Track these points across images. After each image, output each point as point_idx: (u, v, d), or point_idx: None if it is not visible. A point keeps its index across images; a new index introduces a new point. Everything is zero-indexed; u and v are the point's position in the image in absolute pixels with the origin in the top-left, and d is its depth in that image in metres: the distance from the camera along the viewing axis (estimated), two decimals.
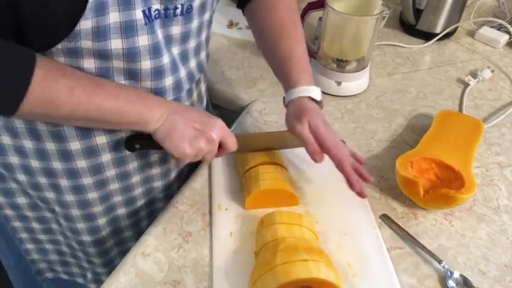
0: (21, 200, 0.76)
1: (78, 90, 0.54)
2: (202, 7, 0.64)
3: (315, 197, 0.73)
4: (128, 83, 0.61)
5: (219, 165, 0.78)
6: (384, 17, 1.19)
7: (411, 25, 1.17)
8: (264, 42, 0.76)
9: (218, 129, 0.64)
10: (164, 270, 0.63)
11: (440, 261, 0.64)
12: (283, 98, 0.72)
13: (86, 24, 0.52)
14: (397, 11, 1.25)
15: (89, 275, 0.90)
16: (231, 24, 1.17)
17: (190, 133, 0.62)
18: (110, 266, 0.86)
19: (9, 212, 0.78)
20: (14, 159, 0.68)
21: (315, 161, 0.66)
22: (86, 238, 0.80)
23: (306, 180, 0.76)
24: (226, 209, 0.71)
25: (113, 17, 0.53)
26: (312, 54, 1.01)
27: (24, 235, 0.83)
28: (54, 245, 0.85)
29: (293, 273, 0.54)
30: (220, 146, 0.66)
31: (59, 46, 0.53)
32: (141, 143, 0.67)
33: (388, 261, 0.64)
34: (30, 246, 0.85)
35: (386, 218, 0.71)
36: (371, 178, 0.66)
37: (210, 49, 1.11)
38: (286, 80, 0.71)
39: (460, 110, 0.95)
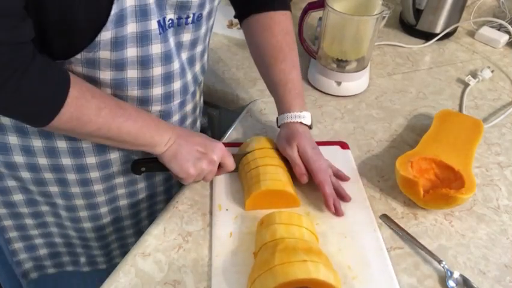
0: (18, 197, 0.77)
1: (105, 111, 0.58)
2: (209, 14, 0.67)
3: (317, 199, 0.73)
4: (140, 91, 0.65)
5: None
6: (384, 17, 1.19)
7: (411, 25, 1.17)
8: (259, 63, 0.80)
9: (219, 151, 0.69)
10: (164, 270, 0.63)
11: (440, 261, 0.64)
12: (277, 118, 0.79)
13: (106, 35, 0.55)
14: (397, 11, 1.25)
15: (82, 260, 0.91)
16: (231, 24, 1.17)
17: (194, 155, 0.67)
18: (107, 248, 0.88)
19: (1, 210, 0.79)
20: (19, 158, 0.69)
21: (301, 181, 0.73)
22: (87, 225, 0.81)
23: (307, 181, 0.75)
24: (227, 210, 0.71)
25: (131, 27, 0.56)
26: (312, 54, 1.01)
27: (13, 234, 0.83)
28: (46, 238, 0.86)
29: (292, 273, 0.54)
30: (220, 166, 0.72)
31: (78, 56, 0.56)
32: (146, 166, 0.72)
33: (389, 264, 0.64)
34: (18, 245, 0.85)
35: (386, 218, 0.71)
36: (348, 198, 0.72)
37: (210, 49, 1.11)
38: (281, 104, 0.77)
39: (460, 110, 0.95)
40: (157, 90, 0.66)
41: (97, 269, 0.92)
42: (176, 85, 0.69)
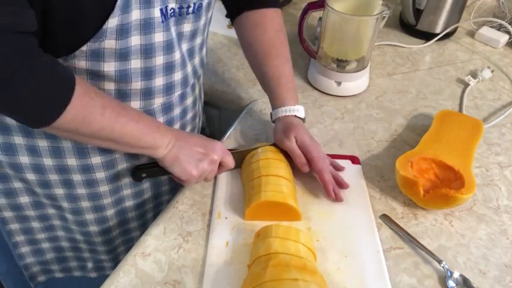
0: (24, 200, 0.76)
1: (109, 110, 0.58)
2: (209, 5, 0.68)
3: (320, 215, 0.70)
4: (144, 82, 0.65)
5: (224, 174, 0.77)
6: (384, 17, 1.19)
7: (411, 25, 1.17)
8: (252, 59, 0.81)
9: (219, 150, 0.70)
10: (164, 270, 0.63)
11: (440, 261, 0.64)
12: (271, 113, 0.80)
13: (113, 22, 0.55)
14: (397, 11, 1.25)
15: (89, 265, 0.91)
16: (231, 25, 1.17)
17: (195, 157, 0.67)
18: (113, 252, 0.88)
19: (8, 213, 0.78)
20: (24, 159, 0.69)
21: (303, 171, 0.74)
22: (93, 228, 0.81)
23: (312, 196, 0.74)
24: (226, 218, 0.69)
25: (135, 14, 0.57)
26: (312, 54, 1.01)
27: (20, 238, 0.83)
28: (53, 242, 0.86)
29: None
30: (220, 165, 0.72)
31: (84, 48, 0.56)
32: (147, 172, 0.71)
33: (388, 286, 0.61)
34: (25, 249, 0.85)
35: (386, 218, 0.71)
36: (346, 185, 0.74)
37: (210, 49, 1.12)
38: (274, 98, 0.78)
39: (460, 110, 0.95)
40: (159, 81, 0.66)
41: (104, 275, 0.91)
42: (177, 76, 0.69)
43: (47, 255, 0.88)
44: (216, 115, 1.07)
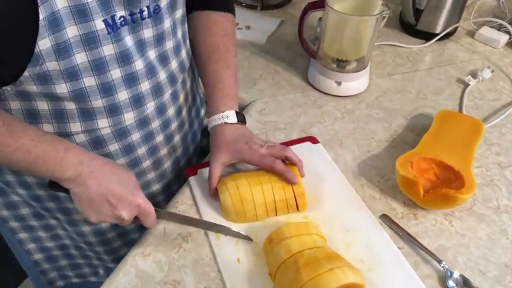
0: (25, 211, 0.77)
1: None
2: (172, 6, 0.63)
3: (309, 201, 0.70)
4: (105, 99, 0.61)
5: (202, 196, 0.73)
6: (384, 17, 1.19)
7: (411, 25, 1.17)
8: (197, 61, 0.78)
9: (131, 209, 0.61)
10: (164, 270, 0.63)
11: (440, 261, 0.64)
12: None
13: (44, 43, 0.50)
14: (397, 11, 1.25)
15: (101, 271, 0.90)
16: None
17: (101, 204, 0.60)
18: (120, 260, 0.87)
19: (14, 224, 0.78)
20: (10, 177, 0.69)
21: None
22: (93, 239, 0.80)
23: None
24: (226, 235, 0.67)
25: (72, 31, 0.52)
26: (312, 54, 1.01)
27: (31, 246, 0.83)
28: (63, 250, 0.86)
29: (324, 285, 0.53)
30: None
31: (26, 73, 0.52)
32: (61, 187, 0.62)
33: (393, 246, 0.65)
34: (38, 256, 0.85)
35: (386, 218, 0.71)
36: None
37: None
38: (208, 106, 0.75)
39: (460, 110, 0.95)
40: (123, 95, 0.62)
41: None
42: (145, 86, 0.64)
43: (61, 262, 0.88)
44: None
